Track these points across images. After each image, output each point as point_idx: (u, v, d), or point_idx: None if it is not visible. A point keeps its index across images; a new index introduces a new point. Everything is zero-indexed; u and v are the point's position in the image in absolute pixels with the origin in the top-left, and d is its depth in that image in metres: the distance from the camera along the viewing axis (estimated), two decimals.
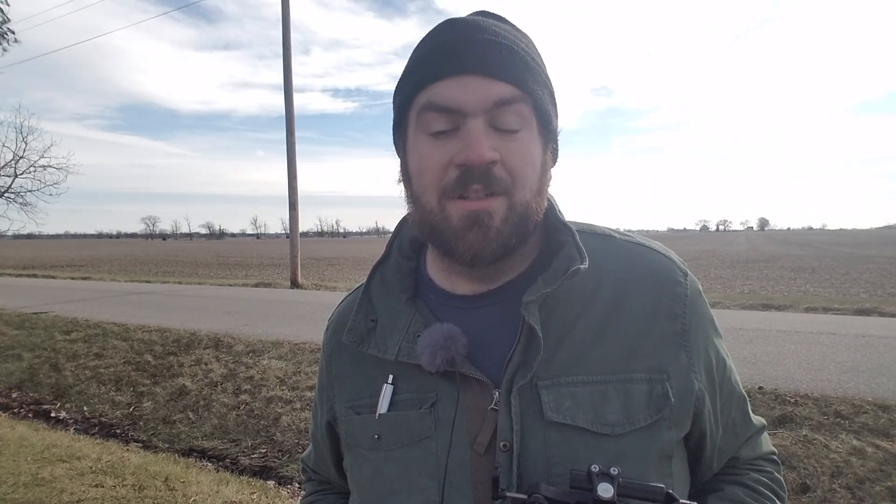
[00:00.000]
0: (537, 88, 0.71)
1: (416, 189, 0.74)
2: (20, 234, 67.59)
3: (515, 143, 0.69)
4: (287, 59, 14.44)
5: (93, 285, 15.40)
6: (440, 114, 0.69)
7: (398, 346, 0.74)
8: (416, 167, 0.73)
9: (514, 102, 0.68)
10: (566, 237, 0.75)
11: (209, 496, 3.53)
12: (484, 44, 0.69)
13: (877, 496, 3.06)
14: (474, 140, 0.66)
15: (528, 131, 0.70)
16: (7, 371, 6.71)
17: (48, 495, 3.49)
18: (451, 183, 0.69)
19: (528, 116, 0.70)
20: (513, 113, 0.68)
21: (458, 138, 0.68)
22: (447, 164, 0.69)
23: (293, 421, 4.80)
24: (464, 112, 0.67)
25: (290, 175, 14.33)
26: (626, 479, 0.59)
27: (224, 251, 52.94)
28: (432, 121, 0.70)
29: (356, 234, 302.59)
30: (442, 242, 0.72)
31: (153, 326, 8.06)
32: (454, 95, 0.68)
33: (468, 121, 0.67)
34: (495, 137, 0.68)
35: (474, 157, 0.66)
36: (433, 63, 0.70)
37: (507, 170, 0.68)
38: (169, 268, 26.76)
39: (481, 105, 0.67)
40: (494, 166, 0.67)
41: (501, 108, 0.68)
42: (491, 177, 0.67)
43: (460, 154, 0.67)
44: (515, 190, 0.69)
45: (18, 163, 23.02)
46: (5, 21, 19.84)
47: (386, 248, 0.87)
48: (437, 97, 0.69)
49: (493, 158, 0.67)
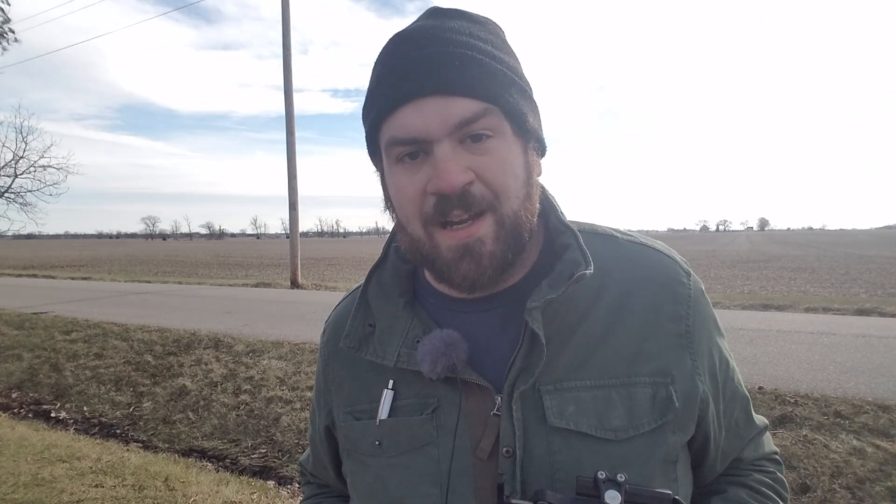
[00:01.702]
0: (502, 92, 0.67)
1: (401, 218, 0.72)
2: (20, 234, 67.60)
3: (489, 155, 0.65)
4: (287, 60, 14.44)
5: (93, 285, 15.39)
6: (405, 145, 0.66)
7: (397, 352, 0.73)
8: (395, 197, 0.71)
9: (479, 118, 0.64)
10: (569, 240, 0.73)
11: (209, 496, 3.53)
12: (435, 58, 0.65)
13: (877, 496, 3.06)
14: (442, 168, 0.63)
15: (500, 139, 0.66)
16: (7, 371, 6.71)
17: (48, 495, 3.49)
18: (430, 211, 0.66)
19: (497, 125, 0.66)
20: (481, 126, 0.64)
21: (428, 164, 0.66)
22: (422, 192, 0.66)
23: (293, 421, 4.80)
24: (427, 139, 0.64)
25: (290, 175, 14.33)
26: (633, 485, 0.58)
27: (224, 251, 52.94)
28: (399, 152, 0.67)
29: (356, 234, 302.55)
30: (436, 271, 0.71)
31: (153, 326, 8.05)
32: (413, 125, 0.64)
33: (434, 147, 0.64)
34: (466, 155, 0.65)
35: (445, 187, 0.63)
36: (387, 91, 0.66)
37: (485, 185, 0.65)
38: (169, 268, 26.76)
39: (444, 129, 0.64)
40: (471, 186, 0.65)
41: (467, 125, 0.64)
42: (470, 198, 0.65)
43: (431, 183, 0.65)
44: (500, 203, 0.66)
45: (18, 163, 23.10)
46: (5, 21, 19.87)
47: (382, 250, 0.85)
48: (398, 130, 0.66)
49: (466, 181, 0.64)
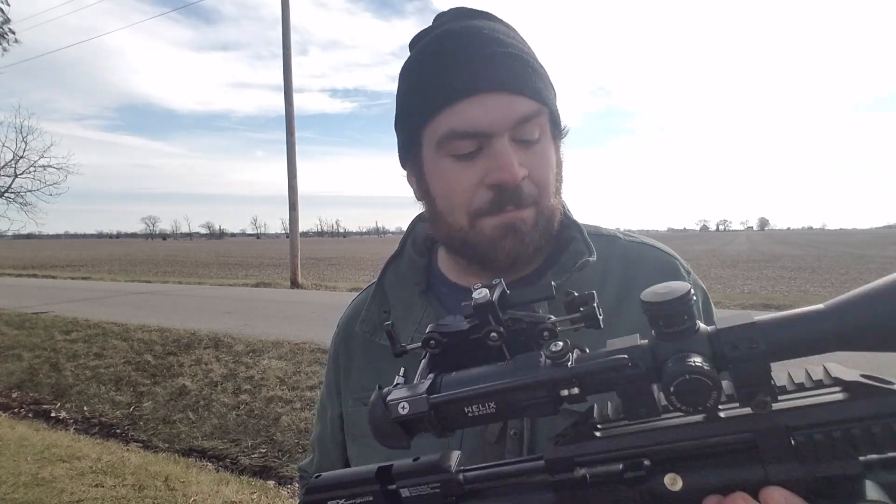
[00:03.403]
0: (550, 95, 0.72)
1: (441, 208, 0.74)
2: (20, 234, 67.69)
3: (538, 154, 0.70)
4: (287, 60, 14.45)
5: (93, 285, 15.40)
6: (466, 139, 0.68)
7: (411, 337, 0.75)
8: (440, 188, 0.73)
9: (534, 117, 0.69)
10: (575, 233, 0.78)
11: (209, 496, 3.53)
12: (494, 58, 0.68)
13: None
14: (505, 161, 0.67)
15: (545, 139, 0.72)
16: (7, 371, 6.71)
17: (48, 495, 3.49)
18: (485, 205, 0.69)
19: (545, 125, 0.72)
20: (534, 126, 0.69)
21: (484, 158, 0.68)
22: (477, 185, 0.69)
23: (293, 421, 4.80)
24: (489, 134, 0.67)
25: (290, 175, 14.34)
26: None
27: (224, 251, 52.95)
28: (457, 146, 0.69)
29: (356, 234, 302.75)
30: (476, 255, 0.73)
31: (153, 326, 8.06)
32: (476, 118, 0.67)
33: (494, 141, 0.67)
34: (520, 152, 0.69)
35: (508, 178, 0.67)
36: (444, 85, 0.69)
37: (534, 182, 0.70)
38: (169, 268, 26.77)
39: (505, 124, 0.67)
40: (524, 182, 0.69)
41: (524, 124, 0.69)
42: (522, 194, 0.69)
43: (492, 175, 0.68)
44: (542, 199, 0.71)
45: (18, 163, 23.04)
46: (5, 21, 19.88)
47: (399, 244, 0.89)
48: (459, 124, 0.68)
49: (523, 175, 0.68)
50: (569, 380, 0.44)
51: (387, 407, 0.48)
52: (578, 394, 0.44)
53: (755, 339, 0.41)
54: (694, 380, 0.40)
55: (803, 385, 0.43)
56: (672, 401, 0.41)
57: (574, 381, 0.44)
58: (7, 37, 20.02)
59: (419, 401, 0.47)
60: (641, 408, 0.44)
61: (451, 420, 0.48)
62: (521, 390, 0.45)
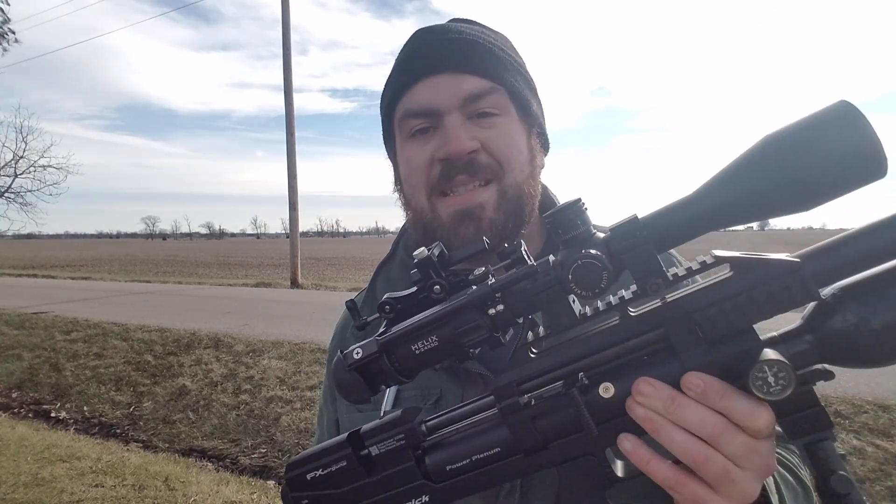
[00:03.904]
0: (509, 76, 0.73)
1: (407, 192, 0.77)
2: (20, 234, 67.70)
3: (495, 128, 0.71)
4: (287, 60, 14.44)
5: (93, 285, 15.40)
6: (417, 118, 0.72)
7: None
8: (404, 171, 0.76)
9: (487, 94, 0.71)
10: None
11: (209, 496, 3.53)
12: (449, 42, 0.72)
13: (877, 496, 3.06)
14: (451, 134, 0.69)
15: (506, 117, 0.73)
16: (7, 371, 6.71)
17: (48, 495, 3.49)
18: (436, 177, 0.71)
19: (504, 104, 0.72)
20: (488, 103, 0.71)
21: (437, 136, 0.71)
22: (430, 161, 0.71)
23: (293, 421, 4.80)
24: (439, 111, 0.70)
25: (290, 175, 14.34)
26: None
27: (224, 251, 52.94)
28: (411, 124, 0.73)
29: (356, 234, 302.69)
30: (436, 241, 0.72)
31: (153, 326, 8.05)
32: (427, 97, 0.71)
33: (444, 118, 0.70)
34: (474, 128, 0.71)
35: (453, 149, 0.69)
36: (404, 71, 0.74)
37: (491, 154, 0.71)
38: (169, 268, 26.75)
39: (454, 101, 0.70)
40: (478, 154, 0.70)
41: (476, 101, 0.70)
42: (476, 165, 0.70)
43: (440, 149, 0.70)
44: (504, 173, 0.71)
45: (18, 163, 23.09)
46: (5, 21, 19.89)
47: (392, 247, 0.89)
48: (411, 104, 0.72)
49: (472, 147, 0.69)
50: (491, 295, 0.48)
51: (345, 357, 0.53)
52: (505, 310, 0.48)
53: (638, 228, 0.45)
54: (585, 263, 0.44)
55: (691, 269, 0.45)
56: (572, 288, 0.45)
57: (496, 297, 0.48)
58: (7, 37, 20.05)
59: (369, 343, 0.52)
60: (563, 317, 0.48)
61: (402, 361, 0.51)
62: (453, 316, 0.49)
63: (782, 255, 0.45)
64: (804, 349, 0.45)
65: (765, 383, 0.42)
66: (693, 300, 0.45)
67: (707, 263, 0.45)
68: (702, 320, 0.45)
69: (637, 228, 0.45)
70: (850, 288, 0.44)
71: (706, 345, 0.45)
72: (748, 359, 0.43)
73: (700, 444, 0.43)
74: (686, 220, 0.45)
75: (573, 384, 0.48)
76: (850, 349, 0.43)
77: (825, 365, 0.45)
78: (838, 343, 0.43)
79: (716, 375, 0.44)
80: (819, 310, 0.45)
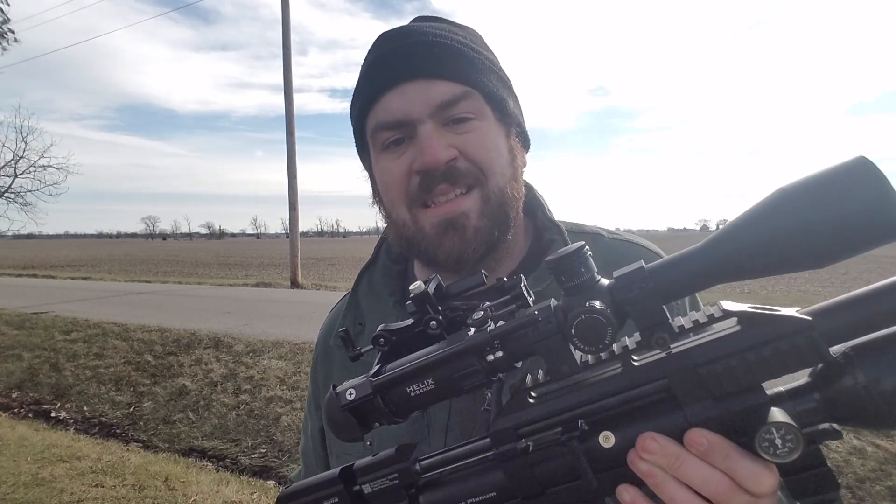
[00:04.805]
0: (481, 77, 0.70)
1: (387, 205, 0.74)
2: (20, 234, 67.65)
3: (472, 133, 0.69)
4: (287, 61, 14.44)
5: (93, 285, 15.39)
6: (390, 129, 0.69)
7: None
8: (382, 184, 0.74)
9: (460, 100, 0.68)
10: (555, 235, 0.76)
11: (209, 496, 3.53)
12: (414, 47, 0.69)
13: (877, 496, 3.06)
14: (426, 144, 0.67)
15: (482, 120, 0.70)
16: (7, 371, 6.71)
17: (48, 495, 3.49)
18: (415, 189, 0.69)
19: (479, 107, 0.70)
20: (462, 108, 0.68)
21: (412, 146, 0.69)
22: (408, 173, 0.69)
23: (293, 421, 4.80)
24: (411, 121, 0.68)
25: (290, 175, 14.34)
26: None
27: (224, 251, 52.94)
28: (383, 136, 0.70)
29: (356, 234, 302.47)
30: (421, 253, 0.72)
31: (153, 326, 8.05)
32: (397, 107, 0.68)
33: (418, 128, 0.68)
34: (450, 135, 0.68)
35: (429, 161, 0.66)
36: (372, 80, 0.70)
37: (470, 160, 0.68)
38: (169, 268, 26.75)
39: (426, 110, 0.67)
40: (457, 161, 0.68)
41: (449, 108, 0.68)
42: (456, 172, 0.68)
43: (417, 161, 0.68)
44: (486, 178, 0.69)
45: (18, 163, 23.12)
46: (5, 21, 19.90)
47: (374, 251, 0.87)
48: (382, 115, 0.69)
49: (449, 157, 0.67)
50: (490, 342, 0.47)
51: (337, 396, 0.51)
52: (503, 357, 0.47)
53: (644, 280, 0.44)
54: (589, 318, 0.43)
55: (698, 322, 0.45)
56: (576, 343, 0.44)
57: (496, 343, 0.47)
58: (7, 37, 20.05)
59: (363, 384, 0.50)
60: (563, 365, 0.46)
61: (396, 403, 0.50)
62: (451, 360, 0.48)
63: (792, 311, 0.44)
64: (812, 407, 0.43)
65: (772, 445, 0.41)
66: (699, 353, 0.44)
67: (714, 317, 0.44)
68: (707, 374, 0.44)
69: (643, 279, 0.44)
70: (862, 348, 0.43)
71: (711, 399, 0.44)
72: (754, 416, 0.43)
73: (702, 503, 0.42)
74: (693, 272, 0.44)
75: (572, 431, 0.47)
76: (859, 411, 0.42)
77: (833, 424, 0.44)
78: (847, 404, 0.42)
79: (720, 431, 0.43)
80: (828, 368, 0.44)
